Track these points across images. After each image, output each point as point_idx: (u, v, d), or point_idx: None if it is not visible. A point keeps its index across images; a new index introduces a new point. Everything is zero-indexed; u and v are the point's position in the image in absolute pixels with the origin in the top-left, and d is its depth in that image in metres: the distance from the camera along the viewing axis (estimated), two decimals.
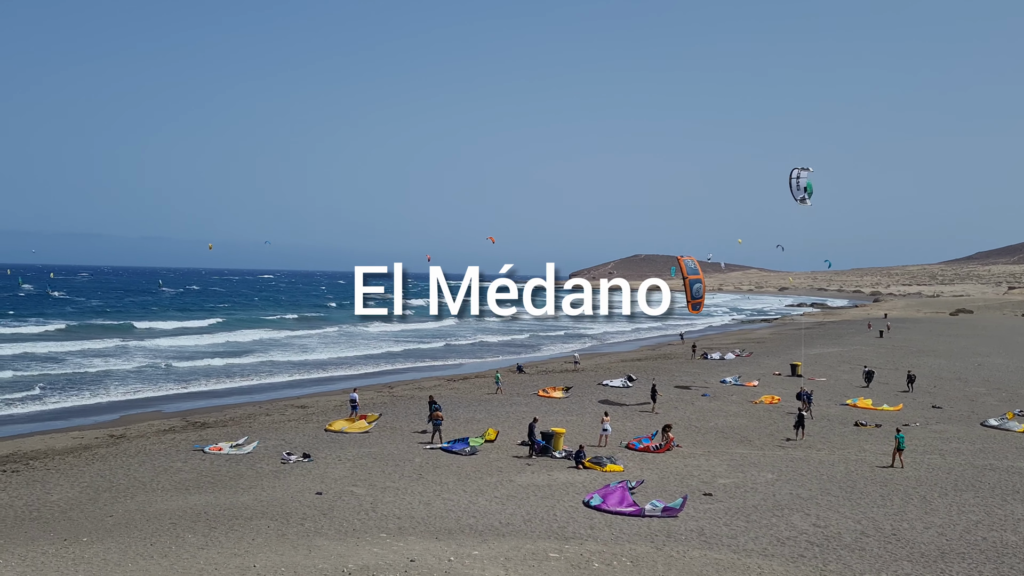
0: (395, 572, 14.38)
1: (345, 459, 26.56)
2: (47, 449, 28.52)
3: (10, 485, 23.54)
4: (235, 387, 45.85)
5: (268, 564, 15.27)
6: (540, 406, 37.08)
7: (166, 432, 31.73)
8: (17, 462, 26.51)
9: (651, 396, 36.40)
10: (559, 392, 40.89)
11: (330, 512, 20.20)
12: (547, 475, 24.26)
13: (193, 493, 22.54)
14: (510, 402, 38.45)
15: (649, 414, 34.93)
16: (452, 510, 20.36)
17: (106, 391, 42.60)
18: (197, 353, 60.84)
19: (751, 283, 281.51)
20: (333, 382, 48.75)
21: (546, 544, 17.12)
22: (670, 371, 50.20)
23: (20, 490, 22.93)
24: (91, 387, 43.60)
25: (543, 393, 40.81)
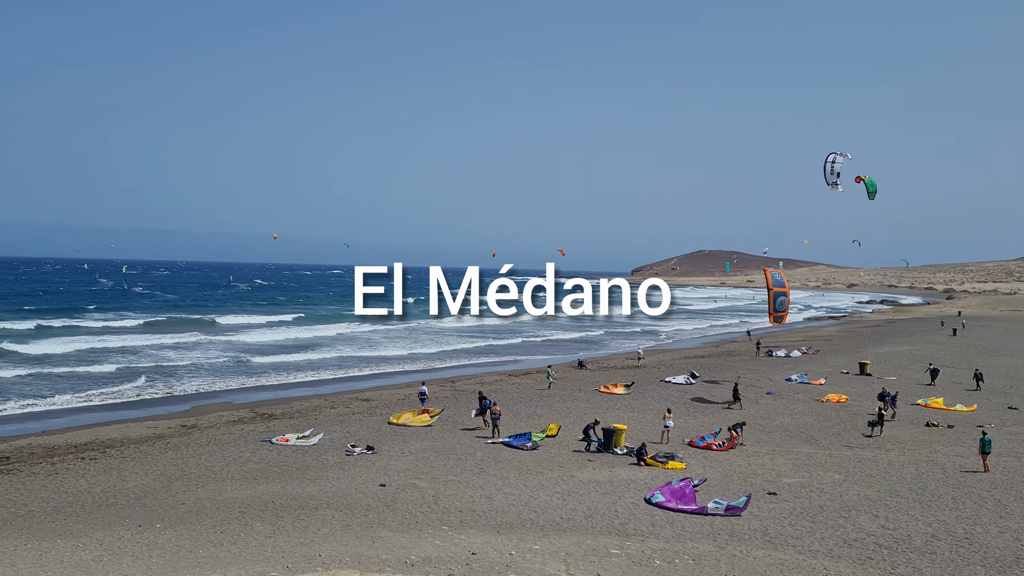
0: (457, 565, 14.52)
1: (408, 452, 26.90)
2: (123, 438, 29.52)
3: (88, 472, 24.45)
4: (301, 380, 46.75)
5: (333, 554, 15.56)
6: (601, 402, 37.00)
7: (235, 423, 32.55)
8: (95, 450, 27.52)
9: (733, 395, 36.14)
10: (621, 388, 40.69)
11: (393, 504, 20.49)
12: (608, 471, 24.20)
13: (261, 483, 23.09)
14: (571, 397, 38.42)
15: (718, 411, 34.54)
16: (513, 504, 20.46)
17: (179, 383, 43.90)
18: (266, 346, 62.30)
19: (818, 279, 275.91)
20: (396, 376, 49.33)
21: (607, 540, 17.09)
22: (733, 368, 49.49)
23: (98, 477, 23.81)
24: (165, 379, 44.98)
25: (604, 389, 40.67)
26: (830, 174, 30.49)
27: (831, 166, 30.51)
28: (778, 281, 35.43)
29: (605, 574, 14.42)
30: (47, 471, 24.55)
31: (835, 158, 30.48)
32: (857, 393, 38.84)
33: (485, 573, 13.84)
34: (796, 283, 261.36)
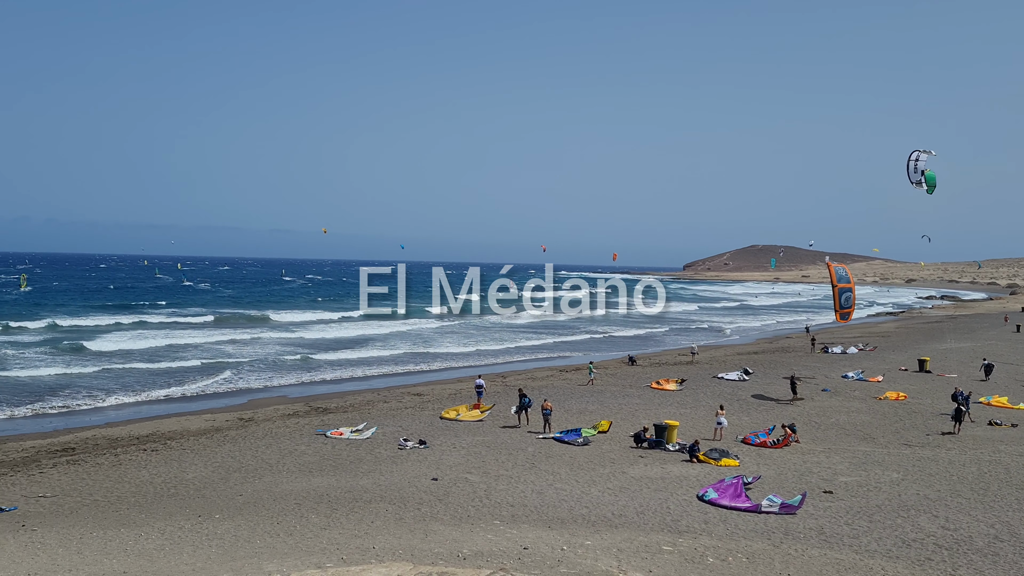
0: (509, 559, 14.59)
1: (459, 447, 27.08)
2: (183, 430, 30.25)
3: (150, 463, 25.11)
4: (354, 374, 47.34)
5: (387, 546, 15.76)
6: (653, 398, 36.79)
7: (290, 416, 33.12)
8: (156, 441, 28.25)
9: (791, 388, 35.86)
10: (673, 385, 40.39)
11: (445, 498, 20.66)
12: (660, 468, 24.06)
13: (316, 475, 23.47)
14: (623, 394, 38.26)
15: (772, 408, 34.09)
16: (565, 500, 20.48)
17: (236, 377, 44.81)
18: (320, 341, 63.17)
19: (875, 274, 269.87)
20: (448, 371, 49.70)
21: (659, 537, 17.02)
22: (788, 365, 48.78)
23: (159, 468, 24.44)
24: (222, 373, 45.95)
25: (656, 385, 40.41)
26: (913, 172, 29.83)
27: (914, 164, 29.84)
28: (843, 276, 34.62)
29: (657, 571, 14.36)
30: (111, 462, 25.29)
31: (918, 155, 29.81)
32: (916, 391, 37.99)
33: (537, 568, 13.89)
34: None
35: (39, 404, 35.57)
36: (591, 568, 14.10)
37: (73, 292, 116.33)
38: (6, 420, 32.54)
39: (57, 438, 28.97)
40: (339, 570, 13.00)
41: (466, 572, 12.62)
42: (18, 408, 34.61)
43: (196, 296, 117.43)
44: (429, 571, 12.74)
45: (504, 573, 12.64)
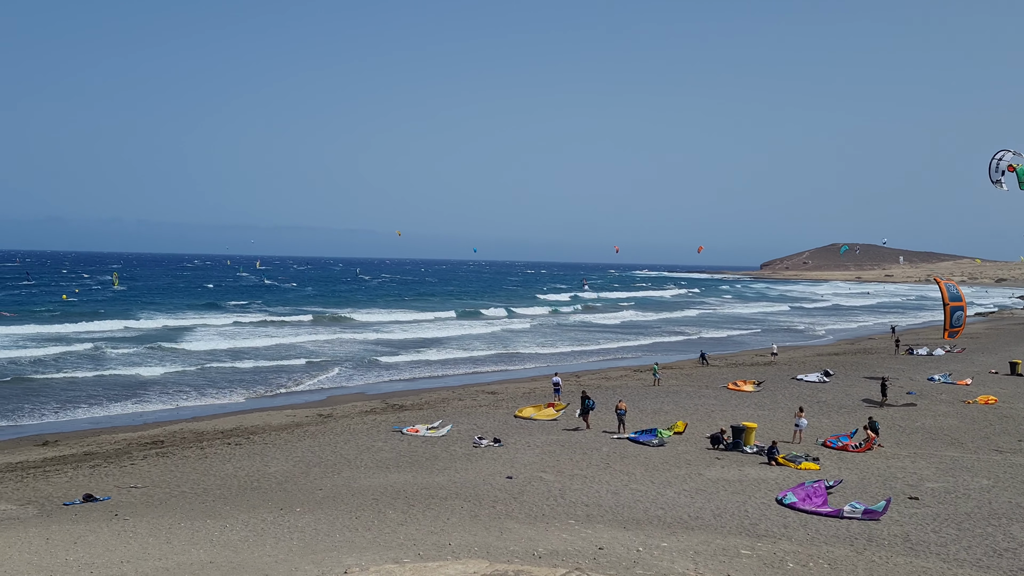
0: (584, 559, 14.57)
1: (534, 445, 27.15)
2: (265, 425, 31.07)
3: (234, 457, 25.88)
4: (430, 372, 47.88)
5: (462, 543, 15.90)
6: (729, 399, 36.23)
7: (368, 413, 33.69)
8: (240, 436, 29.10)
9: (881, 391, 34.85)
10: (750, 386, 39.69)
11: (520, 496, 20.73)
12: (738, 470, 23.68)
13: (393, 471, 23.83)
14: (698, 394, 37.78)
15: (854, 411, 33.21)
16: (640, 500, 20.33)
17: (315, 374, 45.83)
18: (397, 338, 64.06)
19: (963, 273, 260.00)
20: (522, 370, 49.81)
21: (737, 540, 16.75)
22: (870, 366, 47.44)
23: (243, 462, 25.16)
24: (302, 369, 47.08)
25: (733, 386, 39.77)
26: (995, 171, 28.78)
27: (996, 163, 28.79)
28: (955, 295, 33.43)
29: (735, 575, 14.15)
30: (197, 455, 26.15)
31: (1003, 155, 28.73)
32: (1008, 394, 36.49)
33: (612, 568, 13.83)
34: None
35: (131, 399, 37.03)
36: (667, 570, 13.98)
37: (163, 291, 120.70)
38: (100, 414, 33.94)
39: (147, 431, 30.10)
40: (416, 566, 13.18)
41: (542, 571, 12.65)
42: (111, 402, 36.09)
43: (277, 295, 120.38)
44: (505, 569, 12.82)
45: (580, 573, 12.62)
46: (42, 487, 22.31)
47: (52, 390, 38.40)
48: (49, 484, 22.62)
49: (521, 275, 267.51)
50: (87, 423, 32.05)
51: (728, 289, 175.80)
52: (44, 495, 21.46)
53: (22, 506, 20.36)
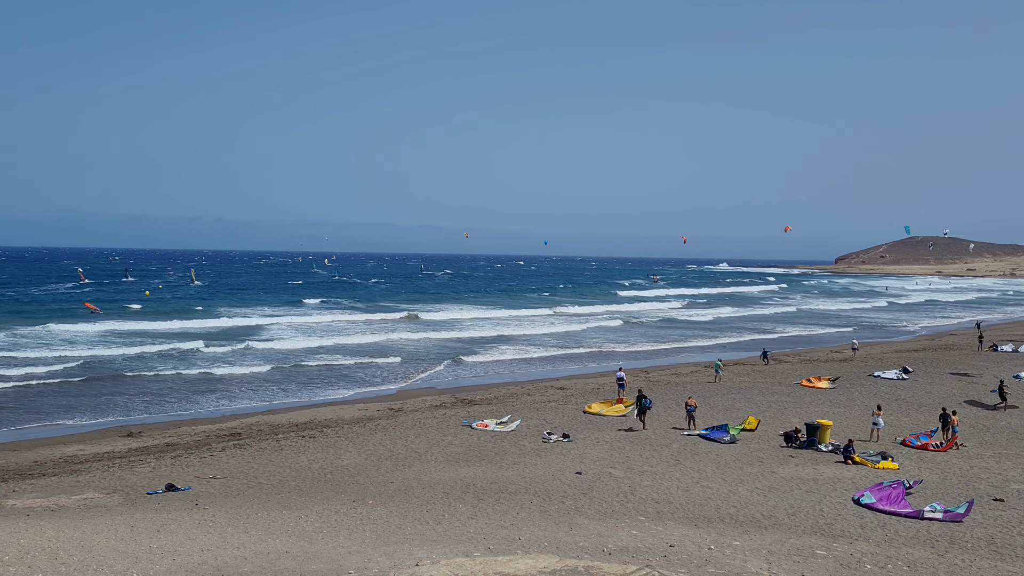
0: (655, 556, 14.45)
1: (603, 441, 27.05)
2: (337, 419, 31.65)
3: (308, 449, 26.43)
4: (499, 368, 48.08)
5: (532, 538, 15.94)
6: (803, 396, 35.50)
7: (437, 408, 34.02)
8: (313, 429, 29.71)
9: (1000, 394, 32.91)
10: (825, 383, 38.81)
11: (589, 492, 20.68)
12: (812, 469, 23.19)
13: (463, 465, 24.02)
14: (771, 391, 37.12)
15: (936, 409, 32.19)
16: (711, 498, 20.09)
17: (382, 367, 46.52)
18: (464, 331, 64.53)
19: None
20: (591, 365, 49.61)
21: (812, 540, 16.41)
22: (952, 363, 45.91)
23: (316, 454, 25.69)
24: (371, 361, 47.81)
25: (807, 383, 38.95)
26: None
27: None
28: None
29: (811, 575, 13.86)
30: (273, 447, 26.78)
31: None
32: None
33: (684, 567, 13.69)
34: (1011, 270, 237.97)
35: (210, 393, 38.18)
36: (740, 569, 13.77)
37: (241, 287, 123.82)
38: (180, 406, 35.03)
39: (225, 424, 30.96)
40: (487, 559, 13.26)
41: (612, 568, 12.60)
42: (191, 395, 37.26)
43: (348, 290, 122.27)
44: (575, 565, 12.81)
45: (650, 570, 12.54)
46: (127, 476, 23.15)
47: (134, 383, 39.81)
48: (133, 474, 23.46)
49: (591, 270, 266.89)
50: (168, 415, 33.10)
51: (814, 285, 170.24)
52: (129, 484, 22.26)
53: (108, 494, 21.16)
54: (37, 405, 33.95)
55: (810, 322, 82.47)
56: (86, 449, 26.79)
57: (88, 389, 37.87)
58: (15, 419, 31.42)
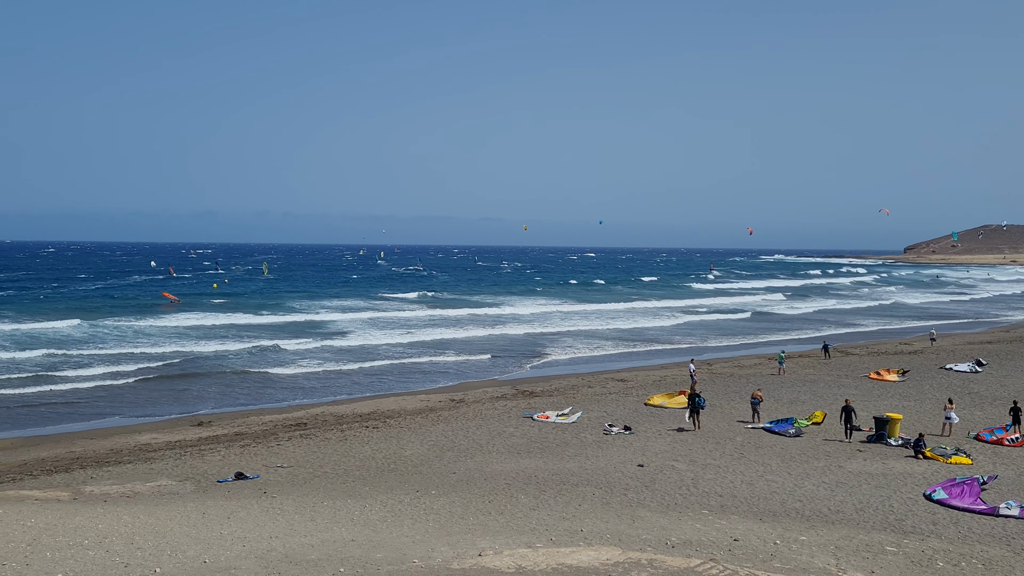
0: (719, 550, 14.31)
1: (665, 434, 26.86)
2: (400, 410, 32.03)
3: (372, 439, 26.82)
4: (560, 359, 48.08)
5: (594, 530, 15.93)
6: (872, 389, 34.71)
7: (498, 399, 34.16)
8: (377, 419, 30.11)
9: None
10: (894, 375, 37.86)
11: (652, 485, 20.57)
12: (881, 463, 22.68)
13: (524, 457, 24.10)
14: (837, 383, 36.37)
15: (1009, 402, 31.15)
16: (776, 492, 19.80)
17: (443, 357, 46.91)
18: (523, 322, 64.63)
19: None
20: (652, 357, 49.29)
21: (881, 536, 16.06)
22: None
23: (380, 444, 26.04)
24: (432, 354, 48.26)
25: (875, 376, 38.06)
26: None
27: None
28: None
29: (880, 572, 13.56)
30: (338, 437, 27.24)
31: None
32: None
33: (748, 561, 13.53)
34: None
35: (278, 387, 39.02)
36: (807, 565, 13.56)
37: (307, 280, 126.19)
38: (248, 396, 35.87)
39: (291, 414, 31.59)
40: (549, 551, 13.30)
41: (675, 561, 12.53)
42: (258, 385, 38.13)
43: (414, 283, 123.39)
44: (638, 557, 12.76)
45: (715, 564, 12.42)
46: (198, 464, 23.81)
47: (206, 374, 40.90)
48: (204, 462, 24.11)
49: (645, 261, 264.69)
50: (237, 406, 33.91)
51: (887, 276, 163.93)
52: (200, 472, 22.89)
53: (180, 482, 21.79)
54: (117, 398, 35.17)
55: (893, 315, 78.74)
56: (159, 438, 27.62)
57: (164, 382, 39.02)
58: (94, 412, 32.58)
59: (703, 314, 77.19)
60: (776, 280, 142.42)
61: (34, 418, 30.97)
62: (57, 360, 43.11)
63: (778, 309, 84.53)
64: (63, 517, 15.78)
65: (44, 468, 23.63)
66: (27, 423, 30.13)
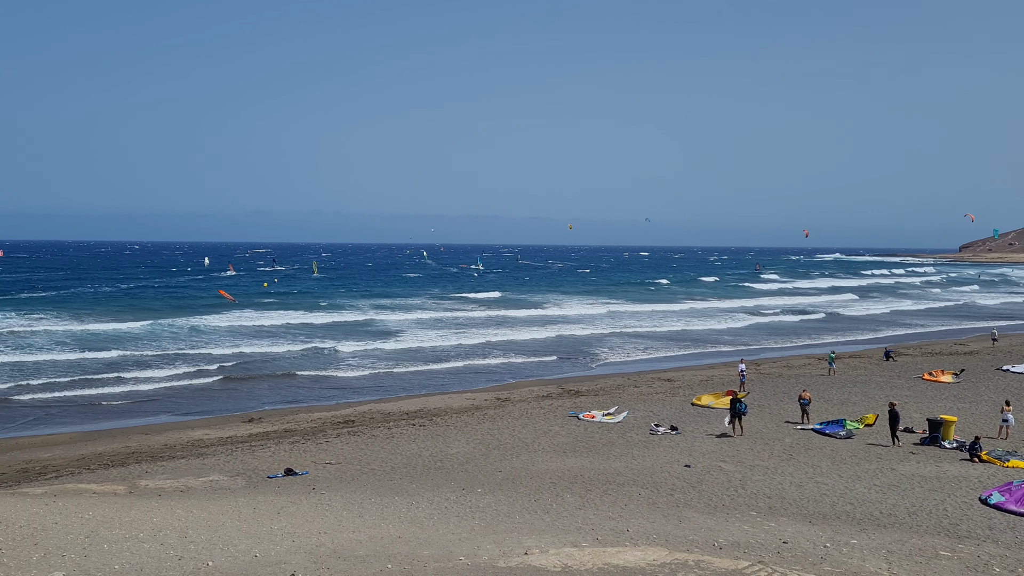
0: (767, 552, 14.15)
1: (712, 434, 26.61)
2: (446, 408, 32.22)
3: (418, 437, 27.01)
4: (605, 358, 47.90)
5: (641, 530, 15.85)
6: (925, 390, 34.01)
7: (544, 398, 34.17)
8: (423, 417, 30.33)
9: None
10: (948, 376, 37.03)
11: (699, 485, 20.40)
12: (935, 466, 22.20)
13: (570, 456, 24.07)
14: (889, 384, 35.69)
15: None
16: (826, 494, 19.50)
17: (487, 358, 47.05)
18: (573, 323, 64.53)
19: None
20: (699, 357, 48.88)
21: (935, 541, 15.73)
22: None
23: (426, 442, 26.22)
24: (479, 353, 48.45)
25: (929, 376, 37.26)
26: None
27: None
28: None
29: None
30: (385, 434, 27.50)
31: None
32: None
33: (798, 564, 13.36)
34: None
35: (324, 380, 39.52)
36: (858, 568, 13.34)
37: (358, 279, 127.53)
38: (296, 393, 36.38)
39: (339, 411, 31.96)
40: (595, 550, 13.28)
41: (723, 562, 12.42)
42: (306, 383, 38.67)
43: (454, 281, 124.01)
44: (685, 558, 12.68)
45: (763, 566, 12.29)
46: (249, 460, 24.22)
47: (258, 372, 41.58)
48: (255, 458, 24.52)
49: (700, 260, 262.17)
50: (286, 402, 34.42)
51: (956, 276, 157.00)
52: (251, 468, 23.29)
53: (232, 477, 22.19)
54: (172, 396, 35.99)
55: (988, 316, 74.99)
56: (211, 434, 28.17)
57: (217, 381, 39.77)
58: (149, 409, 33.37)
59: (770, 315, 74.93)
60: (839, 280, 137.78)
61: (92, 414, 31.83)
62: (116, 360, 44.05)
63: (850, 311, 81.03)
64: (119, 510, 16.17)
65: (101, 462, 24.26)
66: (85, 419, 30.98)
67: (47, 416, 31.30)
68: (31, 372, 39.55)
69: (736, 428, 26.56)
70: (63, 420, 30.75)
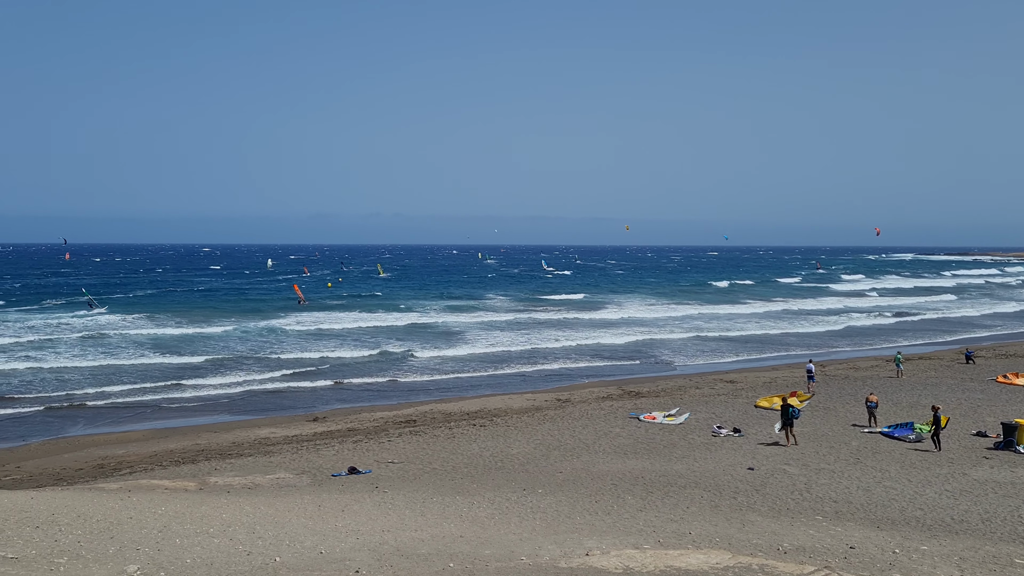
0: (834, 557, 13.89)
1: (775, 436, 26.19)
2: (506, 408, 32.35)
3: (479, 437, 27.19)
4: (664, 360, 47.53)
5: (703, 533, 15.70)
6: (999, 393, 32.95)
7: (604, 399, 34.06)
8: (483, 418, 30.51)
9: None
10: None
11: (762, 488, 20.12)
12: (1010, 471, 21.50)
13: (631, 457, 23.95)
14: (961, 387, 34.67)
15: None
16: (895, 499, 19.05)
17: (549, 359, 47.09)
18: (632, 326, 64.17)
19: None
20: (762, 359, 48.18)
21: (1010, 548, 15.24)
22: None
23: (487, 443, 26.38)
24: (539, 355, 48.50)
25: (1003, 379, 36.07)
26: None
27: None
28: None
29: None
30: (446, 434, 27.74)
31: None
32: None
33: (866, 570, 13.08)
34: None
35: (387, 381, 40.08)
36: (928, 575, 13.02)
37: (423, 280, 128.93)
38: (359, 393, 36.94)
39: (401, 411, 32.36)
40: (657, 552, 13.21)
41: (788, 567, 12.25)
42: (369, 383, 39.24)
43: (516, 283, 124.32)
44: (749, 562, 12.54)
45: (829, 572, 12.09)
46: (313, 459, 24.68)
47: (320, 371, 42.33)
48: (319, 456, 24.98)
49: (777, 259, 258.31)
50: (349, 402, 34.97)
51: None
52: (315, 466, 23.73)
53: (298, 475, 22.65)
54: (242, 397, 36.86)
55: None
56: (277, 432, 28.78)
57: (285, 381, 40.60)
58: (218, 408, 34.25)
59: (862, 318, 72.52)
60: (923, 280, 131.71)
61: (164, 413, 32.81)
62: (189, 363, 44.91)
63: (953, 312, 77.50)
64: (190, 506, 16.65)
65: (172, 459, 25.00)
66: (157, 417, 31.96)
67: (122, 415, 32.38)
68: (112, 374, 40.91)
69: (788, 437, 25.24)
70: (137, 418, 31.77)
